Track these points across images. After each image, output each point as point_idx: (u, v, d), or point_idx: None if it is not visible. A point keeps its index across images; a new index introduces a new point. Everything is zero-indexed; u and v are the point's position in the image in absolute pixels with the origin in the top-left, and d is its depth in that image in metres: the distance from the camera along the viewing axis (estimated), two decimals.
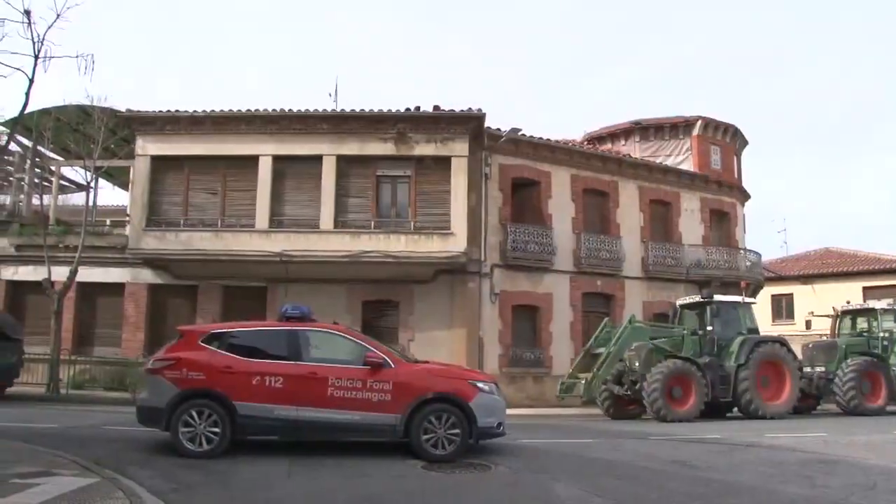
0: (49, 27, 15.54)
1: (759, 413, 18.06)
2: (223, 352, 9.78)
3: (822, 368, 20.55)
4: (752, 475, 8.91)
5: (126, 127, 22.51)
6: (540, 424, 16.59)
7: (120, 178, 28.52)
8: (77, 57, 15.89)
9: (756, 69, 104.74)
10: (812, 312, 25.44)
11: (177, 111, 22.02)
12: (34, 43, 15.51)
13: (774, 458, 10.34)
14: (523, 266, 23.67)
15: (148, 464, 8.83)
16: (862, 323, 22.56)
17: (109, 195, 34.99)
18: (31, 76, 15.57)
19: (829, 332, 23.76)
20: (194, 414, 9.42)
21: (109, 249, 23.01)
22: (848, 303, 24.71)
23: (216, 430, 9.40)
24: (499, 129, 23.41)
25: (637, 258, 26.32)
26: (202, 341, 9.91)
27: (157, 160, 22.28)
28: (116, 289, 23.08)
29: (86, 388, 20.87)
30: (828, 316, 24.11)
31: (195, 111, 21.95)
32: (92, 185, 24.39)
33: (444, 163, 21.92)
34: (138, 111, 22.17)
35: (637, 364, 18.04)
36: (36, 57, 15.63)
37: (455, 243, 21.34)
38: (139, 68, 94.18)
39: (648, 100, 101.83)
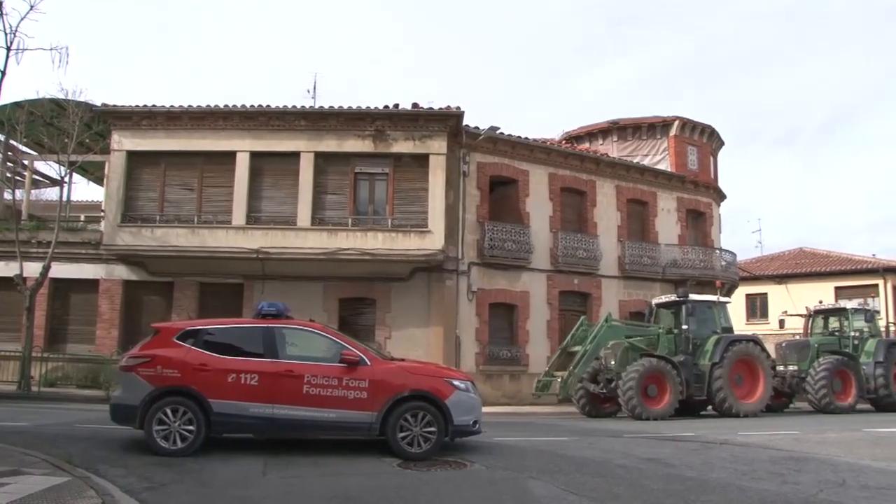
0: (22, 19, 15.44)
1: (733, 411, 18.24)
2: (198, 349, 9.69)
3: (795, 367, 20.87)
4: (724, 472, 8.99)
5: (101, 121, 22.28)
6: (516, 422, 16.62)
7: (95, 173, 28.20)
8: (51, 49, 15.76)
9: (733, 71, 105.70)
10: (785, 312, 25.74)
11: (153, 106, 21.84)
12: (6, 34, 15.39)
13: (747, 456, 10.43)
14: (500, 264, 23.71)
15: (121, 462, 8.74)
16: (834, 322, 22.92)
17: (84, 190, 34.79)
18: (2, 68, 15.40)
19: (801, 331, 24.05)
20: (169, 412, 9.34)
21: (83, 245, 22.80)
22: (820, 303, 25.09)
23: (191, 427, 9.33)
24: (477, 128, 23.43)
25: (614, 257, 26.46)
26: (177, 338, 9.82)
27: (132, 155, 22.12)
28: (90, 285, 22.84)
29: (58, 386, 20.68)
30: (801, 315, 24.43)
31: (172, 106, 21.80)
32: (66, 180, 24.09)
33: (422, 160, 21.91)
34: (114, 105, 21.96)
35: (613, 362, 18.17)
36: (8, 49, 15.47)
37: (432, 241, 21.35)
38: (115, 63, 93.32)
39: (627, 100, 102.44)
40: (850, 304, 23.48)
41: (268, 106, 21.83)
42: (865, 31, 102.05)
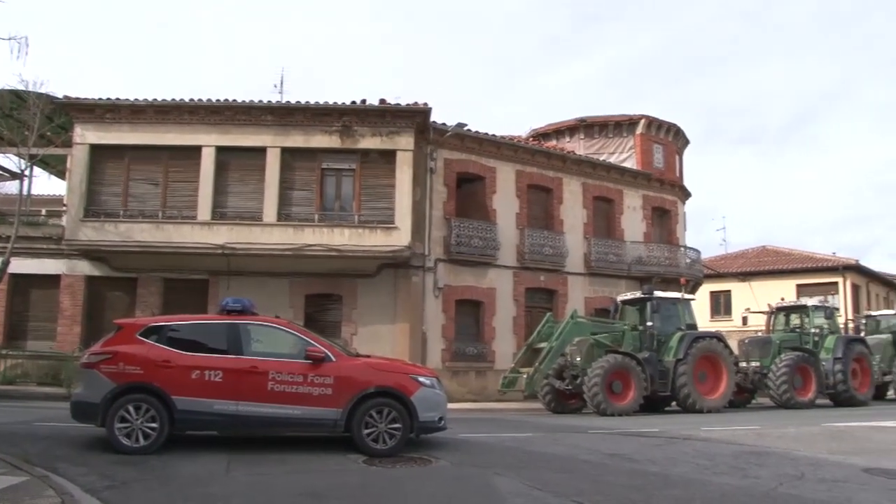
0: None
1: (697, 407, 18.45)
2: (162, 345, 9.59)
3: (757, 363, 21.16)
4: (687, 467, 9.11)
5: (63, 114, 21.88)
6: (482, 419, 16.66)
7: (56, 166, 27.64)
8: (9, 39, 15.41)
9: (698, 70, 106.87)
10: (748, 309, 26.08)
11: (117, 99, 21.50)
12: None
13: (709, 451, 10.56)
14: (467, 261, 23.73)
15: (81, 461, 8.62)
16: (795, 319, 23.31)
17: (45, 184, 34.09)
18: None
19: (764, 328, 24.41)
20: (131, 409, 9.22)
21: (44, 240, 22.37)
22: (782, 300, 25.47)
23: (154, 425, 9.22)
24: (444, 124, 23.44)
25: (580, 254, 26.60)
26: (140, 335, 9.70)
27: (96, 149, 21.72)
28: (52, 281, 22.43)
29: (17, 384, 20.29)
30: (763, 312, 24.76)
31: (136, 99, 21.49)
32: (26, 173, 23.60)
33: (389, 156, 21.84)
34: (76, 98, 21.57)
35: (578, 359, 18.28)
36: None
37: (399, 237, 21.30)
38: (79, 56, 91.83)
39: (594, 98, 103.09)
40: (811, 302, 23.89)
41: (234, 100, 21.61)
42: (828, 32, 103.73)
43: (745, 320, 25.03)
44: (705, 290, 36.96)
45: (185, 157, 21.72)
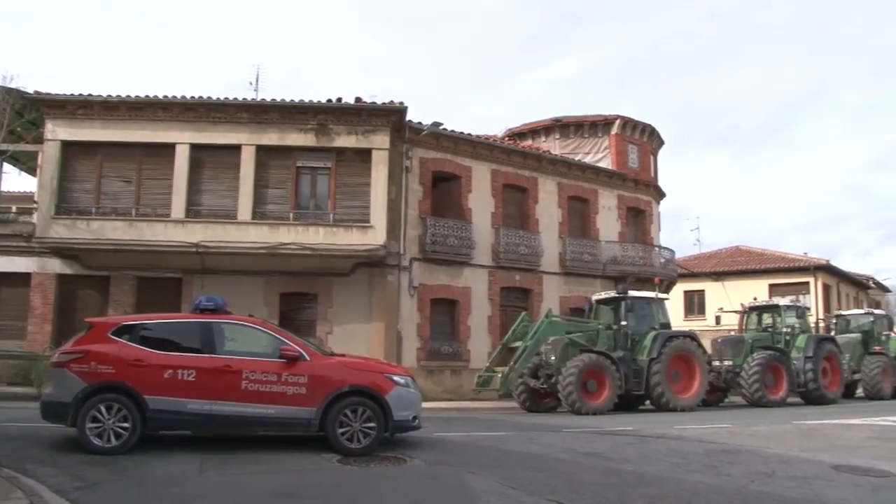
0: None
1: (670, 405, 18.59)
2: (134, 344, 9.50)
3: (730, 362, 21.34)
4: (660, 465, 9.18)
5: (34, 110, 21.56)
6: (456, 418, 16.67)
7: (27, 163, 27.27)
8: None
9: (673, 72, 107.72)
10: (721, 308, 26.34)
11: (90, 95, 21.20)
12: None
13: (682, 449, 10.65)
14: (442, 260, 23.74)
15: (51, 461, 8.52)
16: (767, 319, 23.55)
17: (15, 181, 33.65)
18: None
19: (737, 327, 24.64)
20: (102, 409, 9.13)
21: (15, 237, 22.04)
22: (755, 299, 25.76)
23: (126, 425, 9.13)
24: (420, 123, 23.43)
25: (555, 253, 26.70)
26: (112, 334, 9.61)
27: (67, 145, 21.41)
28: (22, 279, 22.10)
29: None
30: (736, 312, 25.01)
31: (109, 96, 21.20)
32: None
33: (364, 155, 21.75)
34: (48, 93, 21.22)
35: (553, 358, 18.34)
36: None
37: (374, 236, 21.24)
38: (51, 51, 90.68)
39: (570, 98, 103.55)
40: (783, 301, 24.22)
41: (208, 98, 21.40)
42: (804, 35, 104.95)
43: (718, 320, 25.28)
44: (679, 289, 37.26)
45: (158, 154, 21.47)
